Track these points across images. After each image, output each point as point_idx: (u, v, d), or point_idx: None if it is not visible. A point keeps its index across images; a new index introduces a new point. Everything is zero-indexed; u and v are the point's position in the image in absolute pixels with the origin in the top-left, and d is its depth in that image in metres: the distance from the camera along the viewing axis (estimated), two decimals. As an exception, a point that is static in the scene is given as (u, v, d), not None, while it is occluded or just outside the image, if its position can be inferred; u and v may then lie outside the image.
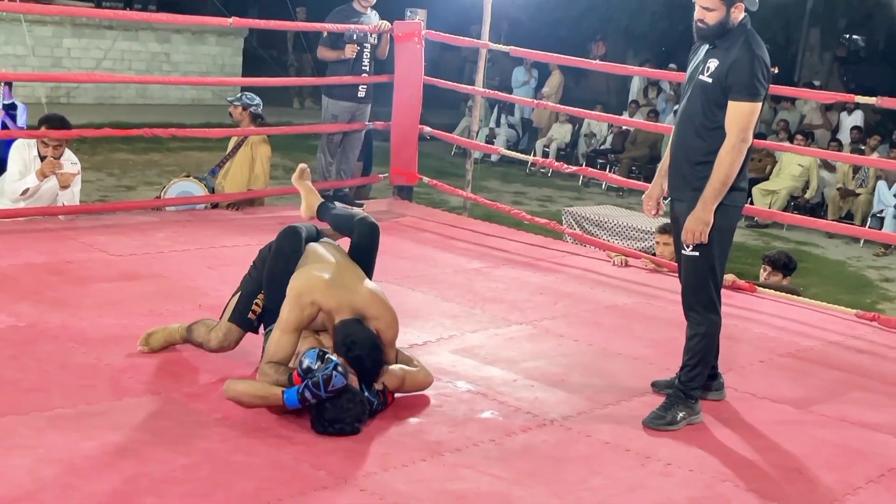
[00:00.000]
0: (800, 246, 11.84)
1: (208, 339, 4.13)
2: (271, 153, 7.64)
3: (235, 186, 7.42)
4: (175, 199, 7.27)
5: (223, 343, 4.12)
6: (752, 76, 3.84)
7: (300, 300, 3.79)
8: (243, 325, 4.14)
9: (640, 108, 15.95)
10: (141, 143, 12.34)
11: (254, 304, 4.13)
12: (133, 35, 17.08)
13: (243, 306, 4.13)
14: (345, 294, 3.85)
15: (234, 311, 4.14)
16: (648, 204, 4.31)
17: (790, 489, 3.61)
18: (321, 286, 3.82)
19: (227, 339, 4.12)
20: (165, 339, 4.23)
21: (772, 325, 5.65)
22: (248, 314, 4.13)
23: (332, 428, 3.60)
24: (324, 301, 3.80)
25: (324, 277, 3.85)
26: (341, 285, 3.87)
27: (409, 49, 7.68)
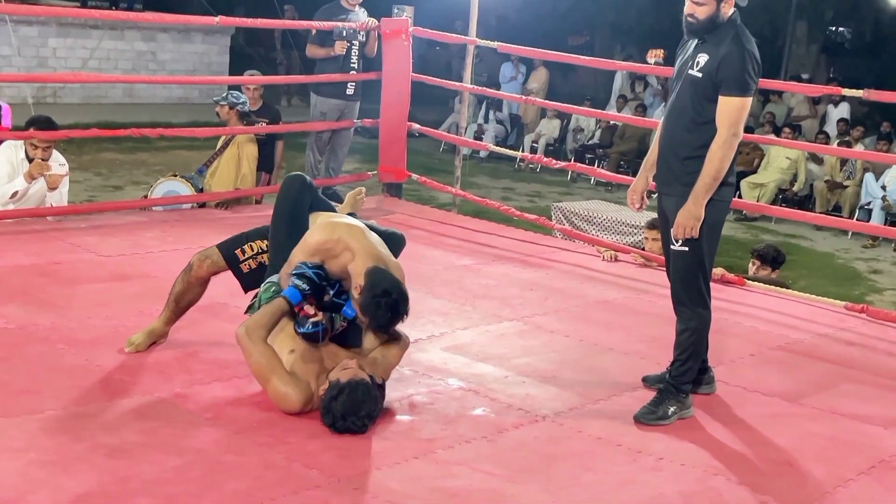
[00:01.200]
0: (788, 239, 11.88)
1: (189, 262, 4.17)
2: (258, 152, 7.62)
3: (223, 186, 7.41)
4: (162, 199, 7.25)
5: (201, 258, 4.15)
6: (743, 71, 3.84)
7: (331, 229, 3.79)
8: (227, 255, 4.12)
9: (627, 102, 15.98)
10: (128, 142, 12.31)
11: (247, 244, 4.12)
12: (119, 34, 17.02)
13: (235, 240, 4.15)
14: (368, 242, 3.83)
15: (227, 240, 4.17)
16: (633, 197, 4.32)
17: (782, 482, 3.62)
18: (353, 230, 3.83)
19: (203, 259, 4.14)
20: (149, 337, 4.22)
21: (761, 318, 5.66)
22: (236, 249, 4.12)
23: (342, 422, 3.58)
24: (350, 240, 3.77)
25: (354, 223, 3.88)
26: (365, 234, 3.87)
27: (397, 46, 7.67)
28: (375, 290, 3.64)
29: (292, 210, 4.02)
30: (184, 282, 4.20)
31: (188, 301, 4.25)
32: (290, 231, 3.94)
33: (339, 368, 3.68)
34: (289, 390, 3.65)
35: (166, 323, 4.27)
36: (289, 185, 4.12)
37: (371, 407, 3.64)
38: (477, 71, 14.29)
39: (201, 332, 4.48)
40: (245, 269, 4.13)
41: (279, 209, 4.05)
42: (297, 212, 4.02)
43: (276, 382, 3.65)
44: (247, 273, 4.13)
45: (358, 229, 3.87)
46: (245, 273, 4.14)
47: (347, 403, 3.57)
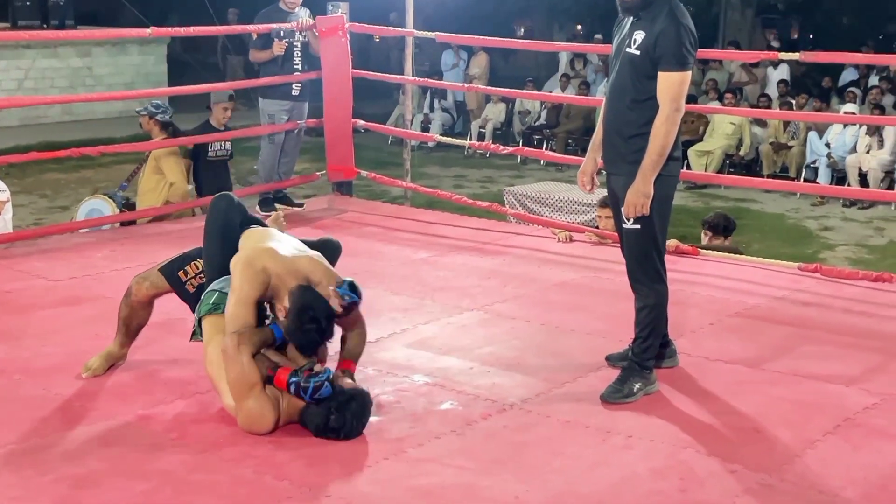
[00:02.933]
0: (738, 203, 12.00)
1: (129, 288, 4.10)
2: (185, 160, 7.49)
3: (145, 200, 7.35)
4: (84, 221, 7.21)
5: (139, 280, 4.09)
6: (680, 45, 3.85)
7: (252, 267, 3.71)
8: (170, 278, 4.06)
9: (570, 80, 16.02)
10: (71, 161, 12.11)
11: (189, 264, 4.05)
12: (53, 52, 16.74)
13: (176, 262, 4.09)
14: (290, 259, 3.79)
15: (167, 261, 4.11)
16: (583, 179, 4.32)
17: (750, 449, 3.65)
18: (269, 252, 3.77)
19: (141, 283, 4.08)
20: (107, 360, 4.16)
21: (718, 286, 5.71)
22: (179, 272, 4.06)
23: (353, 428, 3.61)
24: (273, 266, 3.72)
25: (269, 245, 3.82)
26: (285, 251, 3.82)
27: (335, 43, 7.61)
28: (301, 315, 3.60)
29: (223, 229, 3.96)
30: (127, 306, 4.16)
31: (137, 324, 4.20)
32: (224, 251, 3.88)
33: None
34: (265, 410, 3.58)
35: (122, 346, 4.21)
36: (217, 204, 4.06)
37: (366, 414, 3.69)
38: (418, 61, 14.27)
39: (159, 351, 4.42)
40: (191, 289, 4.05)
41: (210, 229, 4.00)
42: (228, 230, 3.96)
43: (254, 401, 3.58)
44: (193, 293, 4.04)
45: (272, 251, 3.78)
46: (192, 293, 4.05)
47: (359, 410, 3.62)
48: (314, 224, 7.12)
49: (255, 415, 3.59)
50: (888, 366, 4.51)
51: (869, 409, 4.01)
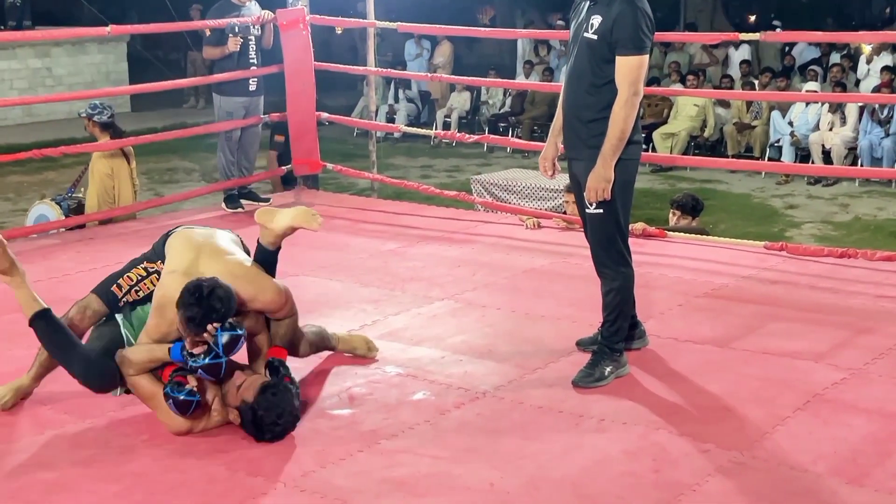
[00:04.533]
0: (704, 184, 12.07)
1: (65, 314, 3.90)
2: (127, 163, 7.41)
3: (89, 203, 7.31)
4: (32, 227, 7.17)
5: (80, 311, 3.88)
6: (637, 29, 3.86)
7: (164, 312, 3.59)
8: (106, 298, 3.89)
9: (534, 67, 16.03)
10: (33, 163, 11.96)
11: (122, 278, 3.91)
12: (11, 53, 16.54)
13: (109, 280, 3.93)
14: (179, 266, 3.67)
15: (100, 282, 3.95)
16: (545, 164, 4.33)
17: (722, 427, 3.69)
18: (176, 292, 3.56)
19: (83, 311, 3.88)
20: (16, 394, 3.93)
21: (685, 267, 5.75)
22: (112, 287, 3.90)
23: (277, 428, 3.53)
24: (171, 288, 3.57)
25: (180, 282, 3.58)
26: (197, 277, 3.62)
27: (296, 36, 7.57)
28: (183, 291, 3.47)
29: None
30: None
31: None
32: None
33: (235, 390, 3.58)
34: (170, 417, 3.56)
35: (35, 379, 3.96)
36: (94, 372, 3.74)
37: (290, 403, 3.58)
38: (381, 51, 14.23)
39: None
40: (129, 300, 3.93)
41: None
42: None
43: (160, 411, 3.57)
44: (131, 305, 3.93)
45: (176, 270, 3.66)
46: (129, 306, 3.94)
47: (271, 415, 3.51)
48: (281, 219, 7.07)
49: (167, 420, 3.57)
50: (855, 341, 4.56)
51: (837, 385, 4.06)
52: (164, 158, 13.50)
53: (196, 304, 3.41)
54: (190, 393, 3.48)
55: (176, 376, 3.51)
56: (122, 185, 7.36)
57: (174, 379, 3.50)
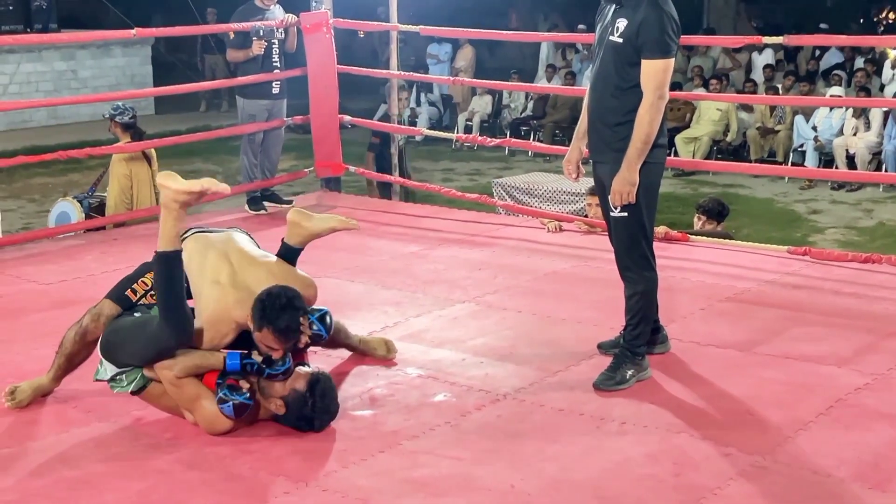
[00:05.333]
0: (727, 189, 12.02)
1: (80, 322, 3.92)
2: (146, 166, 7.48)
3: (110, 203, 7.39)
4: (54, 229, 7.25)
5: (94, 317, 3.89)
6: (663, 33, 3.86)
7: (218, 325, 3.64)
8: (120, 302, 3.90)
9: (557, 71, 16.02)
10: (58, 165, 12.09)
11: (137, 282, 3.91)
12: (37, 56, 16.68)
13: (122, 285, 3.94)
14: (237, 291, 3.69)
15: (113, 287, 3.96)
16: (568, 168, 4.33)
17: (743, 431, 3.67)
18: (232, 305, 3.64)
19: (97, 319, 3.88)
20: (35, 392, 3.95)
21: (708, 271, 5.73)
22: (126, 291, 3.91)
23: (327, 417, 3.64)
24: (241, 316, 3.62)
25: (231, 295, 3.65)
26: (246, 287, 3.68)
27: (319, 40, 7.60)
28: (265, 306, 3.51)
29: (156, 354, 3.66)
30: (77, 343, 3.94)
31: (80, 360, 4.00)
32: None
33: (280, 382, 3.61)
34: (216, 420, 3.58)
35: (55, 380, 3.98)
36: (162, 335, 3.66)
37: (336, 394, 3.71)
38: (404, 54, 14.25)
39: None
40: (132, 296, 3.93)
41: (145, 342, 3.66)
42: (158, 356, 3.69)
43: (207, 404, 3.57)
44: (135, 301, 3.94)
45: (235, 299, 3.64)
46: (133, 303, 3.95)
47: (324, 404, 3.61)
48: (303, 221, 7.10)
49: (211, 416, 3.58)
50: (878, 346, 4.54)
51: (860, 390, 4.03)
52: (187, 161, 13.56)
53: (286, 314, 3.49)
54: (248, 397, 3.54)
55: (228, 380, 3.55)
56: (141, 188, 7.41)
57: (227, 383, 3.54)
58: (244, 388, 3.55)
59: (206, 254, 3.80)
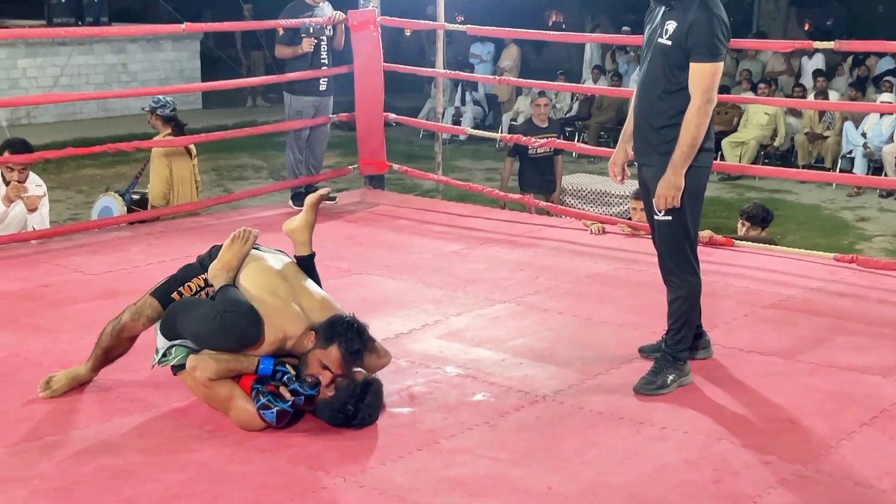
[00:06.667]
0: (773, 194, 11.90)
1: (118, 318, 3.95)
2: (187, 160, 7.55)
3: (153, 199, 7.47)
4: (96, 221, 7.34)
5: (134, 315, 3.91)
6: (712, 36, 3.82)
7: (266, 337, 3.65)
8: (164, 301, 3.92)
9: (603, 72, 15.95)
10: (106, 157, 12.21)
11: (183, 286, 3.94)
12: (88, 49, 16.92)
13: (168, 286, 3.97)
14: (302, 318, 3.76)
15: (158, 286, 3.98)
16: (614, 170, 4.31)
17: (785, 440, 3.63)
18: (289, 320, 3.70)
19: (137, 318, 3.91)
20: (72, 382, 3.98)
21: (752, 277, 5.67)
22: (172, 294, 3.93)
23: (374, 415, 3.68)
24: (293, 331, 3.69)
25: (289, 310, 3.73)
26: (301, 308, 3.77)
27: (366, 37, 7.63)
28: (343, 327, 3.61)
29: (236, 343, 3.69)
30: (114, 338, 3.97)
31: (117, 354, 4.04)
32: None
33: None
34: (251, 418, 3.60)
35: (92, 371, 4.01)
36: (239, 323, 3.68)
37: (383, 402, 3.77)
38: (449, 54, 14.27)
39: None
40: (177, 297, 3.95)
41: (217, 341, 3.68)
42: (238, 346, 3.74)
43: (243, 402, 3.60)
44: None
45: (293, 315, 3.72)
46: None
47: (373, 401, 3.66)
48: (346, 218, 7.14)
49: (249, 415, 3.61)
50: (925, 357, 4.46)
51: (905, 401, 3.97)
52: (233, 156, 13.70)
53: (359, 341, 3.61)
54: (291, 405, 3.56)
55: (269, 386, 3.58)
56: (181, 183, 7.47)
57: (268, 389, 3.57)
58: (287, 397, 3.57)
59: (263, 270, 3.88)
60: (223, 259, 3.84)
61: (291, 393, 3.57)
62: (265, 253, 4.03)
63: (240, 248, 3.86)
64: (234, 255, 3.85)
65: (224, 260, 3.84)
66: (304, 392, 3.58)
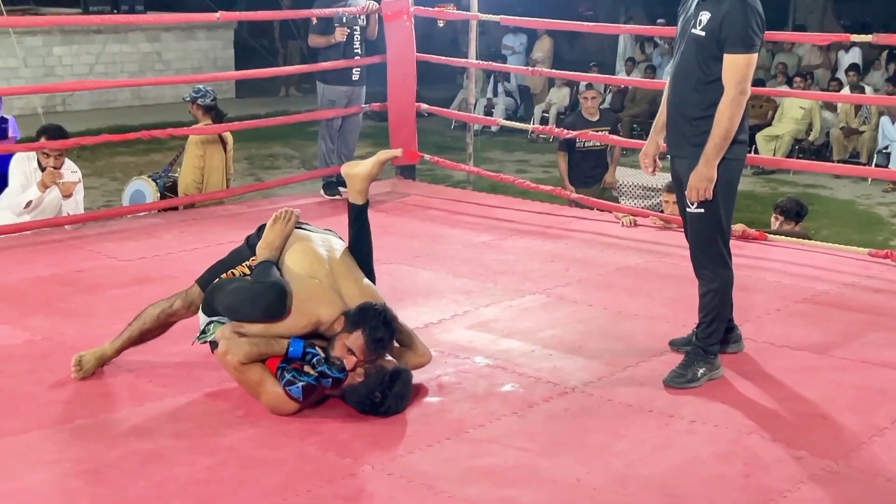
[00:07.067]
0: (808, 189, 11.79)
1: (171, 303, 4.03)
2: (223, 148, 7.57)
3: (182, 185, 7.50)
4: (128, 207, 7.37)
5: (186, 303, 4.00)
6: (747, 27, 3.78)
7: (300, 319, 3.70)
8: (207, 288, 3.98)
9: (636, 64, 15.85)
10: (140, 144, 12.32)
11: (228, 272, 4.00)
12: (123, 37, 17.06)
13: (213, 272, 4.02)
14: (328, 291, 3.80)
15: (204, 273, 4.04)
16: (645, 161, 4.28)
17: (816, 435, 3.60)
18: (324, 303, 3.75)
19: (189, 306, 4.00)
20: (99, 361, 4.04)
21: (785, 271, 5.63)
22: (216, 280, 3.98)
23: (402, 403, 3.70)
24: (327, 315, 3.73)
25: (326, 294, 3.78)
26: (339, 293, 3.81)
27: (399, 27, 7.64)
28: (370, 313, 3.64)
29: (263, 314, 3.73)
30: (158, 321, 4.05)
31: (151, 337, 4.11)
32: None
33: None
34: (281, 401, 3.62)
35: (118, 351, 4.08)
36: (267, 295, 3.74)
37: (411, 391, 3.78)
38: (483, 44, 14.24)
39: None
40: None
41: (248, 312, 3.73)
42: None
43: (273, 386, 3.63)
44: None
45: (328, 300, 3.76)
46: None
47: (401, 390, 3.67)
48: (377, 207, 7.14)
49: (279, 399, 3.63)
50: (960, 354, 4.41)
51: (940, 398, 3.93)
52: (265, 145, 13.77)
53: (385, 329, 3.64)
54: (316, 378, 3.58)
55: (293, 364, 3.61)
56: (212, 172, 7.51)
57: (292, 367, 3.60)
58: (311, 371, 3.59)
59: (306, 251, 3.92)
60: (267, 239, 3.93)
61: (319, 375, 3.59)
62: (313, 233, 4.07)
63: (282, 228, 3.95)
64: (277, 234, 3.93)
65: (268, 239, 3.92)
66: (332, 375, 3.60)
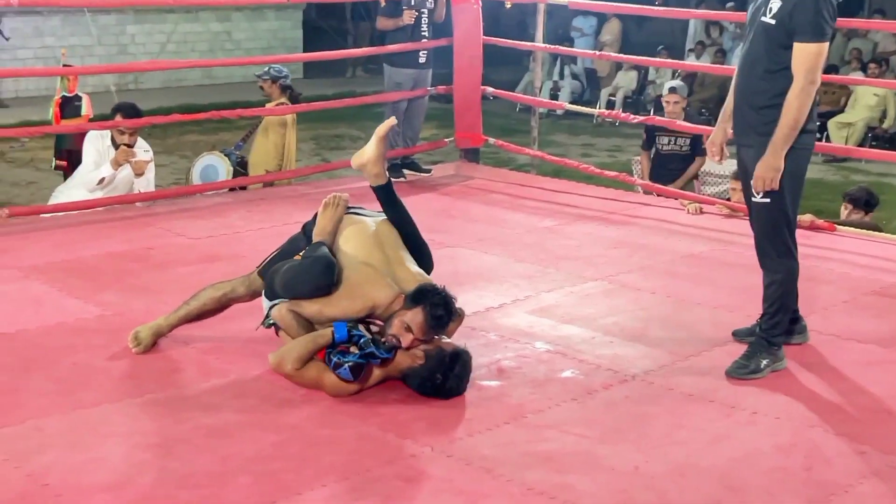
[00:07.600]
0: (880, 178, 11.53)
1: (233, 286, 4.14)
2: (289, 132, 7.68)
3: (255, 163, 7.63)
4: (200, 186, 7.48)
5: (248, 289, 4.11)
6: (818, 15, 3.72)
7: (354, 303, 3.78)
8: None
9: (706, 48, 15.63)
10: (210, 123, 12.50)
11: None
12: (194, 17, 17.30)
13: (274, 260, 4.08)
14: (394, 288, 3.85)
15: (264, 263, 4.12)
16: (712, 150, 4.25)
17: (881, 430, 3.56)
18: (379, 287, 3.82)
19: (251, 286, 4.10)
20: (155, 335, 4.13)
21: (854, 263, 5.54)
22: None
23: (463, 385, 3.74)
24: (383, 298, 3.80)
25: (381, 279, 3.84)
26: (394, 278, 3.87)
27: (467, 10, 7.64)
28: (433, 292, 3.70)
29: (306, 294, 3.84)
30: (218, 303, 4.15)
31: (208, 317, 4.21)
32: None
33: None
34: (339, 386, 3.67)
35: (172, 326, 4.17)
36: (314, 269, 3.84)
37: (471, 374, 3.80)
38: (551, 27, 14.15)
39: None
40: None
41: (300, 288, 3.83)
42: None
43: (328, 377, 3.68)
44: None
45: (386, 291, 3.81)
46: None
47: (461, 371, 3.71)
48: (440, 190, 7.19)
49: (339, 386, 3.68)
50: None
51: None
52: (331, 125, 13.88)
53: (444, 307, 3.69)
54: (361, 356, 3.62)
55: (339, 347, 3.66)
56: (290, 151, 7.63)
57: (338, 349, 3.65)
58: (356, 351, 3.63)
59: (359, 235, 3.99)
60: (319, 225, 4.02)
61: (368, 354, 3.63)
62: (366, 217, 4.14)
63: (332, 214, 4.04)
64: (329, 220, 4.02)
65: (321, 226, 4.02)
66: (380, 355, 3.64)
